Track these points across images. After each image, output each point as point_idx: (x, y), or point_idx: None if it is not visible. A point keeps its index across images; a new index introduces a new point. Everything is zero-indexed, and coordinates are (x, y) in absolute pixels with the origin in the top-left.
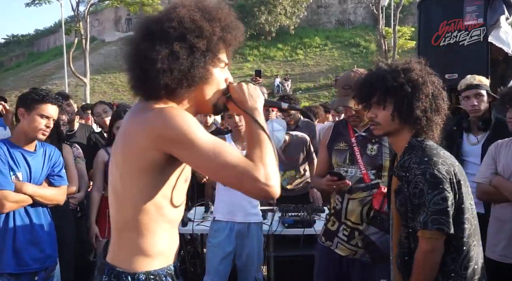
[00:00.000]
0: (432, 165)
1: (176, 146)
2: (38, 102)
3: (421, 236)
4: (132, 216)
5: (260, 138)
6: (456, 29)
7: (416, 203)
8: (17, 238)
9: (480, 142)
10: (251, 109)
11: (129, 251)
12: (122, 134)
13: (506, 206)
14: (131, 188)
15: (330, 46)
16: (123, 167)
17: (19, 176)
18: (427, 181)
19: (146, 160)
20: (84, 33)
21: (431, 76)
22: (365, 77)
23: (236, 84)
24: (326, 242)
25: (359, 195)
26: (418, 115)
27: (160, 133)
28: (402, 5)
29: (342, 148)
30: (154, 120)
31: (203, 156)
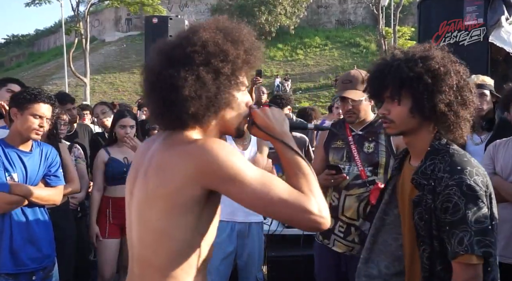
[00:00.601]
0: (468, 175)
1: (221, 182)
2: (30, 101)
3: (464, 263)
4: (168, 259)
5: (301, 167)
6: (456, 29)
7: (449, 221)
8: (14, 238)
9: (483, 142)
10: (280, 134)
11: None
12: (152, 167)
13: (504, 206)
14: (167, 227)
15: (330, 46)
16: (157, 203)
17: (14, 177)
18: (464, 195)
19: (186, 196)
20: (84, 33)
21: (455, 64)
22: (376, 68)
23: (258, 109)
24: (324, 241)
25: (356, 191)
26: (443, 110)
27: (204, 169)
28: (402, 5)
29: (339, 146)
30: (197, 154)
31: (253, 192)
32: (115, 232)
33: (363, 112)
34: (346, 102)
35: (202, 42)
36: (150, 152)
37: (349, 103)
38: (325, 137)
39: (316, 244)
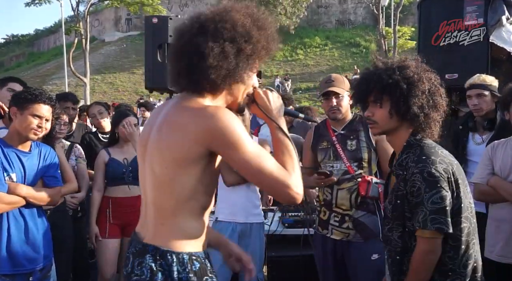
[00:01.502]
0: (430, 164)
1: (225, 148)
2: (31, 101)
3: (419, 236)
4: (177, 202)
5: (289, 148)
6: (456, 29)
7: (413, 202)
8: (11, 239)
9: (485, 142)
10: (276, 117)
11: (173, 233)
12: (167, 123)
13: (504, 206)
14: (176, 176)
15: (330, 46)
16: (168, 155)
17: (13, 177)
18: (425, 180)
19: (193, 152)
20: (84, 33)
21: (428, 72)
22: (361, 76)
23: (261, 90)
24: (323, 231)
25: (346, 185)
26: (416, 112)
27: (211, 132)
28: (402, 5)
29: (325, 146)
30: (207, 117)
31: (248, 159)
32: (115, 232)
33: (345, 108)
34: (329, 99)
35: (233, 21)
36: (164, 111)
37: (333, 100)
38: (311, 139)
39: (316, 235)
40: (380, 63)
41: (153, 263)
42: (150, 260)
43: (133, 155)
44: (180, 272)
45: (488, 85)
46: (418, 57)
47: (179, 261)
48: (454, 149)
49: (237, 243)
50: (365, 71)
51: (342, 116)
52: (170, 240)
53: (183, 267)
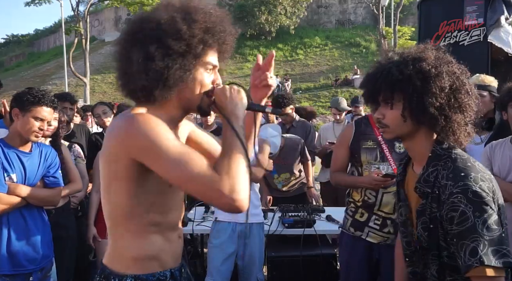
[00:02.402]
0: (473, 182)
1: (143, 155)
2: (33, 104)
3: (478, 276)
4: (119, 221)
5: (231, 147)
6: (456, 29)
7: (456, 232)
8: (12, 239)
9: (484, 142)
10: (228, 113)
11: (119, 253)
12: (103, 143)
13: (506, 206)
14: (114, 194)
15: (330, 46)
16: (104, 173)
17: (13, 178)
18: (471, 202)
19: (122, 166)
20: (84, 33)
21: (450, 65)
22: (370, 71)
23: (220, 87)
24: (355, 232)
25: (392, 189)
26: (433, 114)
27: (128, 141)
28: (402, 5)
29: (370, 146)
30: (124, 127)
31: (169, 166)
32: None
33: None
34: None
35: (158, 19)
36: None
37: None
38: (351, 137)
39: (344, 236)
40: (395, 55)
41: None
42: (97, 280)
43: None
44: None
45: (487, 85)
46: (441, 46)
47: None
48: None
49: (236, 243)
50: (376, 64)
51: None
52: (114, 260)
53: None
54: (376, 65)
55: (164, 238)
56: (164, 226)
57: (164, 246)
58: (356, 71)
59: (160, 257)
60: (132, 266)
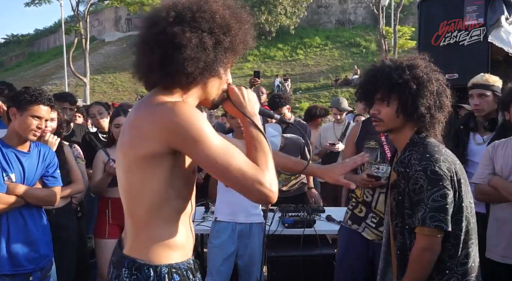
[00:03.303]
0: (434, 162)
1: (186, 144)
2: (30, 103)
3: (418, 233)
4: (147, 210)
5: (262, 144)
6: (456, 29)
7: (415, 200)
8: (11, 239)
9: (486, 142)
10: (250, 114)
11: (149, 243)
12: (129, 127)
13: (505, 206)
14: (141, 182)
15: (330, 46)
16: (129, 158)
17: (12, 177)
18: (428, 178)
19: (153, 152)
20: (84, 33)
21: (436, 73)
22: (369, 73)
23: (236, 87)
24: (352, 226)
25: None
26: (423, 112)
27: (171, 129)
28: (403, 5)
29: (372, 146)
30: (166, 114)
31: (213, 156)
32: (115, 232)
33: None
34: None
35: (212, 11)
36: (131, 112)
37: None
38: (357, 135)
39: (342, 229)
40: (388, 60)
41: (128, 278)
42: (125, 274)
43: None
44: None
45: (491, 85)
46: (425, 56)
47: (157, 274)
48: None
49: (236, 243)
50: (372, 67)
51: None
52: (146, 251)
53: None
54: (373, 68)
55: (187, 227)
56: (187, 214)
57: (187, 235)
58: (356, 71)
59: (185, 246)
60: (166, 256)
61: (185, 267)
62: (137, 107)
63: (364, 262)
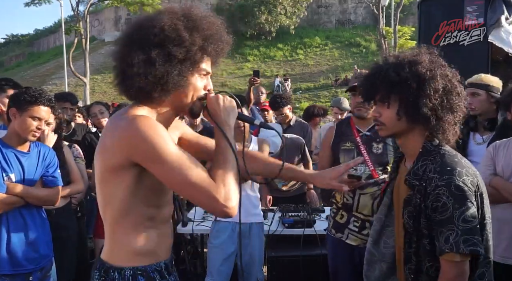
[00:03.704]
0: (457, 176)
1: (144, 158)
2: (30, 103)
3: (448, 260)
4: (117, 216)
5: (225, 156)
6: (456, 29)
7: (437, 219)
8: (11, 239)
9: (486, 142)
10: (222, 123)
11: (117, 248)
12: (101, 138)
13: (506, 207)
14: (109, 191)
15: (331, 46)
16: (100, 168)
17: (12, 177)
18: (452, 195)
19: (117, 163)
20: (84, 33)
21: (443, 68)
22: (369, 71)
23: (213, 94)
24: (336, 234)
25: (369, 190)
26: (426, 114)
27: (129, 143)
28: (403, 5)
29: (348, 147)
30: (125, 128)
31: (168, 171)
32: None
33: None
34: (356, 95)
35: (161, 25)
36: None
37: (360, 96)
38: (332, 138)
39: (329, 238)
40: (391, 57)
41: (98, 279)
42: (96, 276)
43: None
44: None
45: (484, 84)
46: (434, 50)
47: (121, 277)
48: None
49: (236, 243)
50: (373, 65)
51: (368, 115)
52: (113, 254)
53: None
54: (373, 66)
55: (159, 232)
56: (159, 220)
57: (158, 239)
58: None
59: (155, 250)
60: (131, 259)
61: (152, 269)
62: (110, 119)
63: (354, 269)
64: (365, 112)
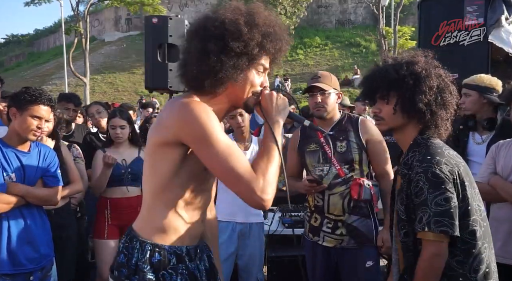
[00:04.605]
0: (435, 164)
1: (192, 139)
2: (30, 103)
3: (423, 239)
4: (152, 190)
5: (269, 151)
6: (456, 29)
7: (416, 203)
8: (12, 238)
9: (485, 141)
10: (272, 120)
11: (147, 221)
12: (156, 121)
13: (502, 206)
14: (153, 164)
15: (331, 46)
16: (150, 142)
17: (12, 177)
18: (428, 180)
19: (167, 140)
20: (84, 33)
21: (437, 69)
22: (369, 72)
23: (268, 91)
24: (313, 238)
25: (338, 190)
26: (421, 108)
27: (181, 124)
28: (403, 4)
29: (313, 149)
30: (181, 109)
31: (215, 156)
32: (114, 233)
33: (331, 107)
34: (314, 96)
35: (222, 18)
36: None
37: (318, 96)
38: (298, 140)
39: (306, 242)
40: (389, 59)
41: (122, 244)
42: (123, 241)
43: (132, 157)
44: (139, 259)
45: (475, 85)
46: (428, 53)
47: (141, 248)
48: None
49: (236, 243)
50: (374, 67)
51: (328, 114)
52: (141, 227)
53: (142, 255)
54: (373, 67)
55: (189, 217)
56: (192, 206)
57: (187, 224)
58: (356, 71)
59: (181, 233)
60: (155, 235)
61: (171, 250)
62: (168, 101)
63: (331, 272)
64: (323, 111)
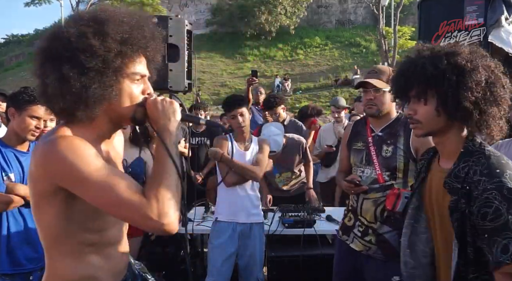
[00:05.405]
0: (508, 179)
1: (65, 180)
2: (29, 103)
3: (505, 273)
4: (51, 242)
5: (162, 166)
6: (456, 29)
7: (490, 228)
8: (11, 238)
9: None
10: (160, 128)
11: (55, 275)
12: (28, 173)
13: None
14: (44, 214)
15: (331, 46)
16: (31, 193)
17: (11, 177)
18: (506, 199)
19: (44, 188)
20: None
21: (485, 59)
22: (401, 66)
23: (152, 98)
24: (342, 236)
25: (373, 195)
26: (468, 108)
27: (49, 167)
28: (403, 4)
29: (359, 148)
30: (45, 152)
31: (93, 192)
32: None
33: (385, 105)
34: (368, 92)
35: (68, 36)
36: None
37: (371, 93)
38: (348, 136)
39: (337, 239)
40: (425, 50)
41: None
42: None
43: (132, 157)
44: None
45: None
46: (475, 42)
47: None
48: None
49: (237, 244)
50: (406, 59)
51: (380, 113)
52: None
53: None
54: (407, 60)
55: (102, 257)
56: (102, 245)
57: (102, 264)
58: (356, 71)
59: (97, 276)
60: None
61: None
62: (38, 141)
63: (355, 273)
64: (374, 109)
